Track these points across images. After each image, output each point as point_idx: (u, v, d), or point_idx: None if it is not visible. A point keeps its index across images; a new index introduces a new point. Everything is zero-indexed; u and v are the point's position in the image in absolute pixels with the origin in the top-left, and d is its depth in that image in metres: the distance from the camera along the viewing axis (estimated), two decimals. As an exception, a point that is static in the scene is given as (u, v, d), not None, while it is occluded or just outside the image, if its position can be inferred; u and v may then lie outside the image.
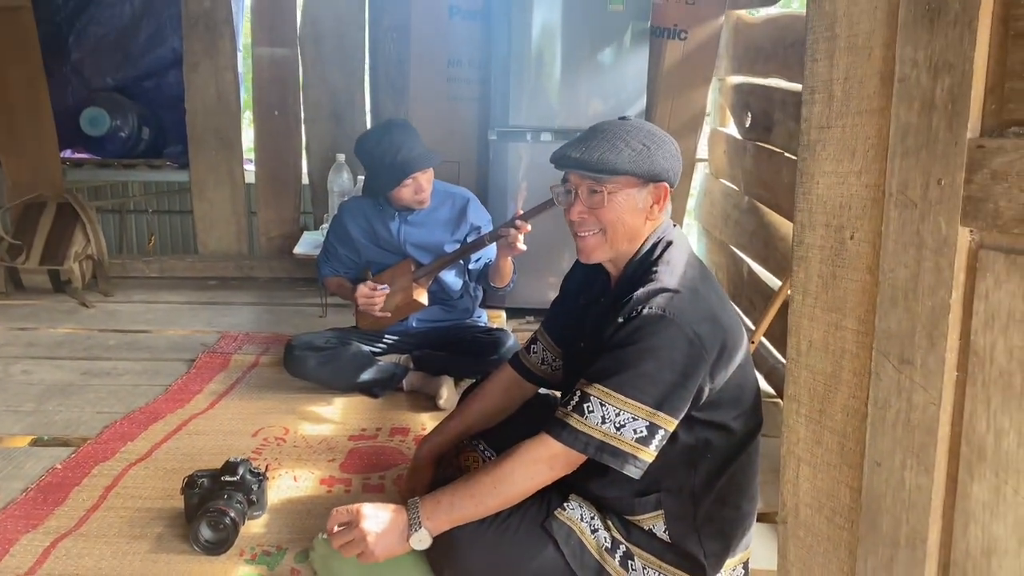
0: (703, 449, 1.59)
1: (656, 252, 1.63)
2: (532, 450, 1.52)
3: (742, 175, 3.60)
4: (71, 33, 4.64)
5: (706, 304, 1.54)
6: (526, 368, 1.95)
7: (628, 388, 1.47)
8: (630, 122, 1.64)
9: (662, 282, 1.54)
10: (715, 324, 1.52)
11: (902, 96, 1.05)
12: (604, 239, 1.63)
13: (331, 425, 2.63)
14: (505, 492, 1.53)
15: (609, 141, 1.59)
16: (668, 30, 3.86)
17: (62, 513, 2.05)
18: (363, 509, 1.56)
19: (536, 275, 3.56)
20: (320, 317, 3.78)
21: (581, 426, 1.48)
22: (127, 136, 4.55)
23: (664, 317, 1.47)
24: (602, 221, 1.61)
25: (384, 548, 1.53)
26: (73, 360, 3.18)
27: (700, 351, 1.48)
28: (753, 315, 3.35)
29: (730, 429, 1.60)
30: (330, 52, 4.21)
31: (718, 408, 1.57)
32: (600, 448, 1.47)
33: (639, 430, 1.47)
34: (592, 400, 1.48)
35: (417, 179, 2.66)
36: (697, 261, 1.66)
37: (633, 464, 1.48)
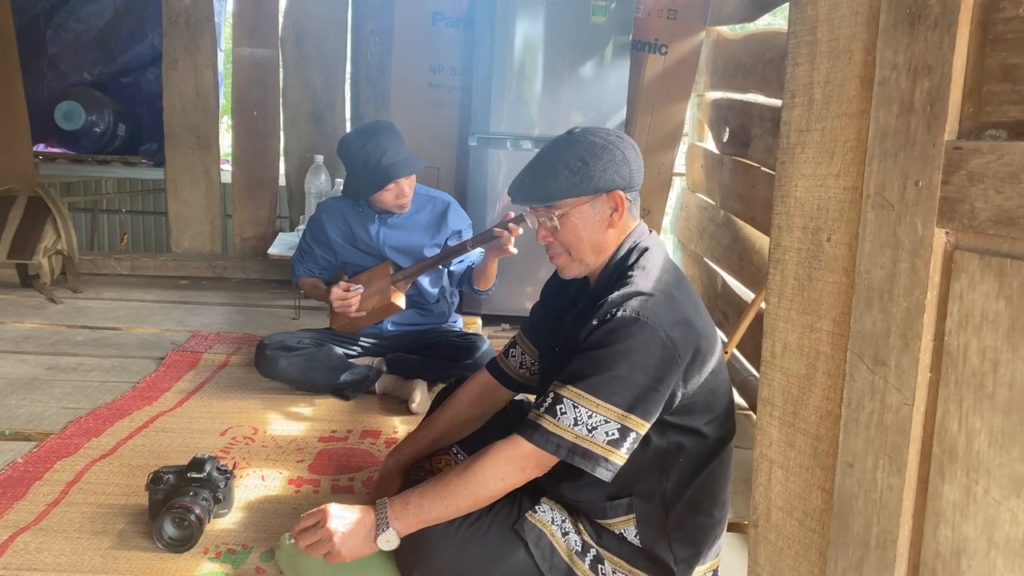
0: (675, 454, 1.59)
1: (632, 258, 1.63)
2: (503, 451, 1.52)
3: (719, 189, 3.63)
4: (49, 27, 4.58)
5: (680, 308, 1.54)
6: (503, 372, 1.93)
7: (601, 390, 1.46)
8: (573, 136, 1.64)
9: (637, 286, 1.54)
10: (689, 328, 1.53)
11: (882, 99, 1.06)
12: (571, 258, 1.66)
13: (301, 426, 2.60)
14: (475, 493, 1.51)
15: (548, 167, 1.60)
16: (649, 44, 3.89)
17: (21, 507, 2.00)
18: (330, 509, 1.55)
19: (513, 283, 3.56)
20: (293, 319, 3.74)
21: (553, 428, 1.47)
22: (102, 132, 4.50)
23: (638, 320, 1.48)
24: (563, 243, 1.64)
25: (350, 548, 1.51)
26: (39, 355, 3.11)
27: (673, 355, 1.48)
28: (726, 327, 3.37)
29: (702, 434, 1.60)
30: (312, 54, 4.20)
31: (691, 413, 1.57)
32: (572, 450, 1.47)
33: (611, 432, 1.46)
34: (565, 402, 1.48)
35: (399, 184, 2.65)
36: (673, 266, 1.67)
37: (604, 467, 1.47)
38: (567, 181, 1.57)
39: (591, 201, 1.61)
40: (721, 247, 3.54)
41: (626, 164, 1.61)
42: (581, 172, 1.58)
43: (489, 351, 2.82)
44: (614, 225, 1.64)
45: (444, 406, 1.98)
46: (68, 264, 4.05)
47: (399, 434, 2.56)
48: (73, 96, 4.43)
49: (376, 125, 2.73)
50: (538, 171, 1.61)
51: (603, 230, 1.63)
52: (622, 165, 1.61)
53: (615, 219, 1.63)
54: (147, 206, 5.29)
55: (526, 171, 1.64)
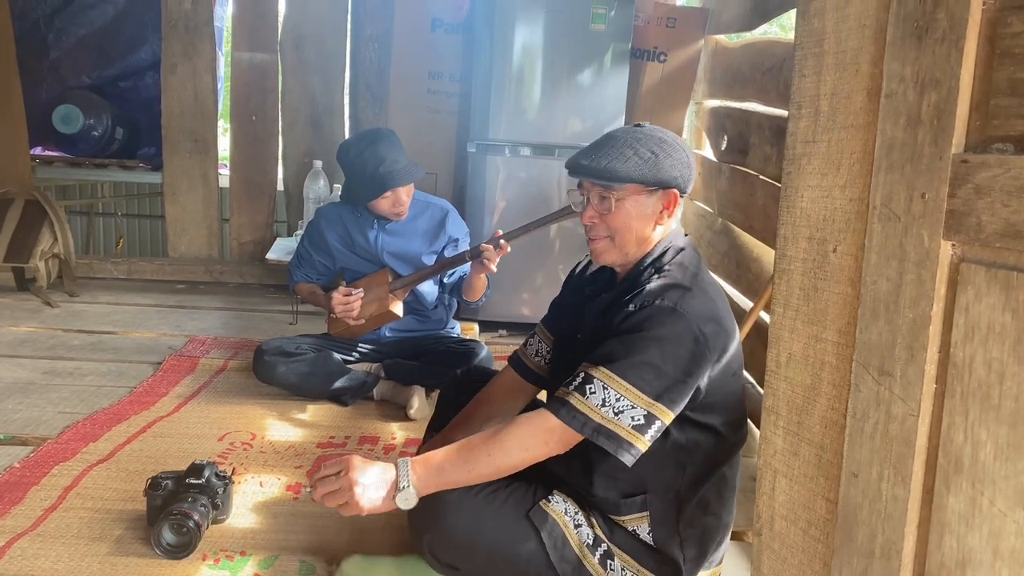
0: (692, 450, 1.60)
1: (667, 256, 1.65)
2: (530, 422, 1.52)
3: (716, 197, 3.64)
4: (51, 31, 4.58)
5: (714, 307, 1.56)
6: (523, 364, 1.93)
7: (631, 375, 1.47)
8: (643, 129, 1.66)
9: (675, 279, 1.57)
10: (720, 327, 1.55)
11: (888, 111, 1.07)
12: (613, 244, 1.66)
13: (299, 431, 2.59)
14: (498, 460, 1.51)
15: (618, 149, 1.61)
16: (648, 52, 3.90)
17: (19, 512, 1.99)
18: (353, 460, 1.54)
19: (510, 290, 3.56)
20: (290, 324, 3.74)
21: (581, 406, 1.48)
22: (100, 135, 4.49)
23: (675, 311, 1.50)
24: (610, 227, 1.64)
25: (369, 501, 1.50)
26: (35, 359, 3.10)
27: (704, 349, 1.50)
28: (724, 336, 3.37)
29: (720, 434, 1.62)
30: (311, 59, 4.20)
31: (711, 410, 1.59)
32: (597, 430, 1.48)
33: (637, 418, 1.47)
34: (595, 382, 1.49)
35: (397, 193, 2.65)
36: (708, 273, 1.69)
37: (628, 451, 1.48)
38: (636, 167, 1.58)
39: (649, 193, 1.62)
40: (719, 254, 3.55)
41: (689, 168, 1.64)
42: (651, 162, 1.59)
43: (487, 357, 2.82)
44: (662, 222, 1.66)
45: (474, 406, 1.94)
46: (64, 268, 4.04)
47: (397, 440, 2.56)
48: (71, 100, 4.42)
49: (376, 132, 2.73)
50: (607, 150, 1.61)
51: (651, 224, 1.65)
52: (685, 167, 1.63)
53: (664, 217, 1.65)
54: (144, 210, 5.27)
55: (593, 148, 1.64)
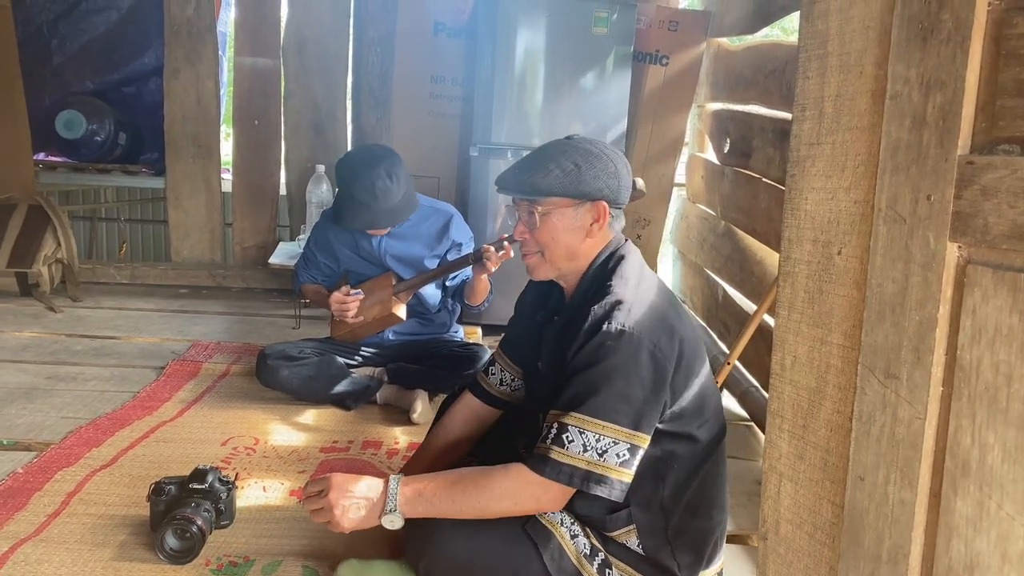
0: (669, 461, 1.58)
1: (609, 266, 1.63)
2: (523, 477, 1.50)
3: (719, 200, 3.64)
4: (54, 36, 4.58)
5: (663, 315, 1.54)
6: (485, 391, 1.92)
7: (603, 412, 1.45)
8: (571, 141, 1.64)
9: (617, 295, 1.54)
10: (672, 333, 1.53)
11: (893, 113, 1.06)
12: (544, 259, 1.65)
13: (302, 436, 2.59)
14: (485, 505, 1.51)
15: (541, 163, 1.60)
16: (650, 55, 3.91)
17: (22, 518, 1.98)
18: (334, 480, 1.55)
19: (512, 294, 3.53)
20: (293, 329, 3.73)
21: (563, 458, 1.46)
22: (103, 140, 4.49)
23: (625, 332, 1.47)
24: (539, 241, 1.63)
25: (350, 521, 1.52)
26: (38, 364, 3.10)
27: (664, 363, 1.48)
28: (727, 339, 3.37)
29: (695, 438, 1.60)
30: (313, 63, 4.20)
31: (682, 418, 1.57)
32: (586, 478, 1.45)
33: (622, 453, 1.45)
34: (570, 429, 1.46)
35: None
36: (651, 274, 1.67)
37: (619, 489, 1.47)
38: (557, 180, 1.57)
39: (575, 206, 1.60)
40: (722, 258, 3.54)
41: (616, 178, 1.61)
42: (572, 174, 1.58)
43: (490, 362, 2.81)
44: (592, 235, 1.64)
45: (434, 435, 1.95)
46: (68, 273, 4.04)
47: (400, 444, 2.56)
48: (74, 105, 4.42)
49: (376, 155, 2.64)
50: (530, 165, 1.61)
51: (580, 238, 1.63)
52: (612, 178, 1.61)
53: (594, 229, 1.63)
54: (147, 215, 5.28)
55: (517, 163, 1.64)
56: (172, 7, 4.15)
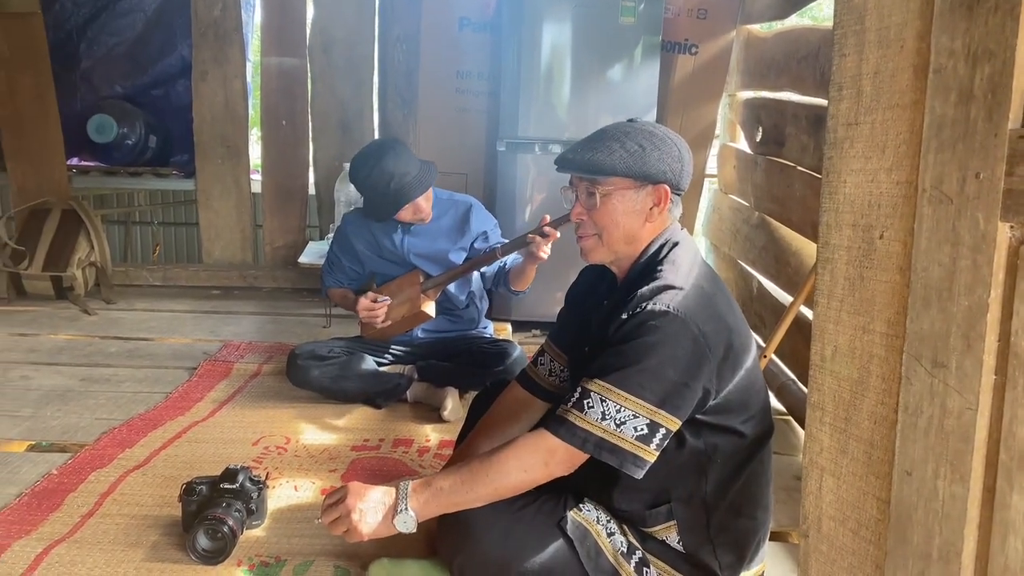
0: (712, 455, 1.54)
1: (662, 253, 1.59)
2: (529, 442, 1.48)
3: (752, 190, 3.57)
4: (82, 41, 4.63)
5: (712, 303, 1.50)
6: (534, 382, 1.87)
7: (629, 384, 1.42)
8: (635, 124, 1.62)
9: (667, 279, 1.50)
10: (721, 323, 1.49)
11: (937, 88, 1.01)
12: (600, 242, 1.61)
13: (333, 435, 2.58)
14: (497, 482, 1.47)
15: (605, 143, 1.56)
16: (679, 44, 3.84)
17: (56, 519, 1.99)
18: (351, 486, 1.54)
19: (543, 288, 3.50)
20: (324, 327, 3.74)
21: (580, 422, 1.44)
22: (134, 144, 4.54)
23: (668, 313, 1.43)
24: (597, 223, 1.59)
25: (368, 526, 1.50)
26: (73, 366, 3.13)
27: (705, 350, 1.44)
28: (763, 331, 3.30)
29: (739, 433, 1.55)
30: (339, 62, 4.19)
31: (726, 412, 1.53)
32: (599, 445, 1.43)
33: (639, 428, 1.42)
34: (592, 396, 1.44)
35: (414, 203, 2.64)
36: (703, 262, 1.63)
37: (633, 463, 1.43)
38: (620, 160, 1.53)
39: (636, 188, 1.56)
40: (756, 249, 3.47)
41: (680, 162, 1.58)
42: (637, 155, 1.54)
43: (521, 357, 2.78)
44: (652, 219, 1.60)
45: (480, 428, 1.90)
46: (101, 276, 4.08)
47: (431, 442, 2.53)
48: (105, 109, 4.47)
49: (380, 146, 2.68)
50: (592, 144, 1.57)
51: (640, 221, 1.59)
52: (676, 162, 1.57)
53: (654, 213, 1.59)
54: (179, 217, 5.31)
55: (580, 142, 1.60)
56: (199, 9, 4.17)
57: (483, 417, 1.93)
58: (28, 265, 3.91)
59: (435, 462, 2.40)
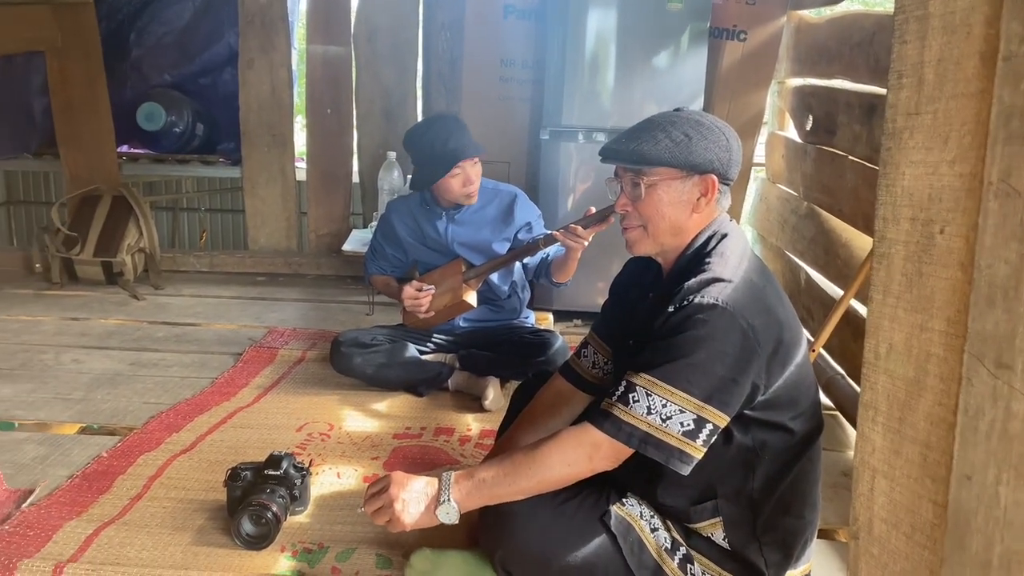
0: (760, 451, 1.51)
1: (710, 245, 1.56)
2: (573, 436, 1.47)
3: (801, 179, 3.49)
4: (132, 30, 4.70)
5: (762, 296, 1.47)
6: (576, 374, 1.85)
7: (676, 378, 1.40)
8: (681, 113, 1.59)
9: (715, 272, 1.47)
10: (771, 317, 1.45)
11: (1007, 76, 0.96)
12: (646, 233, 1.58)
13: (376, 422, 2.59)
14: (540, 475, 1.46)
15: (650, 132, 1.53)
16: (727, 31, 3.77)
17: (106, 501, 2.03)
18: (394, 475, 1.54)
19: (585, 278, 3.47)
20: (367, 315, 3.76)
21: (625, 416, 1.42)
22: (181, 131, 4.60)
23: (717, 306, 1.40)
24: (642, 215, 1.56)
25: (411, 516, 1.50)
26: (122, 350, 3.19)
27: (754, 344, 1.41)
28: (810, 324, 3.23)
29: (788, 430, 1.52)
30: (383, 50, 4.20)
31: (775, 408, 1.49)
32: (644, 440, 1.41)
33: (686, 423, 1.40)
34: (638, 390, 1.42)
35: (465, 169, 2.62)
36: (753, 254, 1.59)
37: (679, 459, 1.41)
38: (666, 149, 1.51)
39: (683, 178, 1.53)
40: (805, 240, 3.40)
41: (728, 152, 1.55)
42: (683, 145, 1.51)
43: (563, 348, 2.76)
44: (699, 210, 1.56)
45: (521, 420, 1.89)
46: (150, 262, 4.15)
47: (472, 431, 2.53)
48: (154, 97, 4.53)
49: (441, 115, 2.78)
50: (637, 134, 1.54)
51: (687, 212, 1.56)
52: (723, 151, 1.54)
53: (701, 204, 1.56)
54: (226, 204, 5.39)
55: (624, 132, 1.57)
56: (246, -2, 4.20)
57: (524, 409, 1.92)
58: (80, 251, 4.00)
59: (476, 451, 2.39)
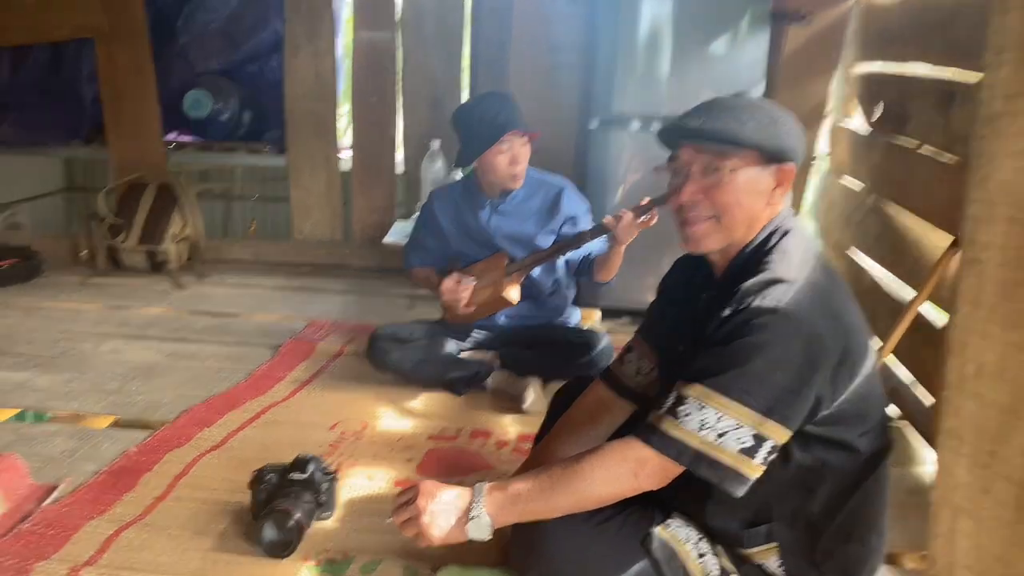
0: (822, 471, 1.37)
1: (771, 242, 1.41)
2: (618, 451, 1.35)
3: (868, 172, 3.28)
4: (179, 18, 4.68)
5: (828, 300, 1.33)
6: (619, 381, 1.71)
7: (732, 389, 1.27)
8: (749, 97, 1.46)
9: (776, 272, 1.33)
10: (837, 323, 1.31)
11: None
12: (718, 225, 1.42)
13: (410, 422, 2.50)
14: (580, 491, 1.35)
15: (732, 112, 1.38)
16: (790, 14, 3.55)
17: (129, 500, 1.97)
18: (423, 485, 1.45)
19: (633, 274, 3.31)
20: (409, 309, 3.67)
21: (675, 431, 1.29)
22: (228, 119, 4.57)
23: (778, 310, 1.27)
24: (717, 204, 1.40)
25: (440, 529, 1.41)
26: (161, 341, 3.15)
27: (819, 352, 1.27)
28: (875, 325, 3.02)
29: (854, 449, 1.37)
30: (430, 36, 4.09)
31: (840, 423, 1.35)
32: (696, 458, 1.28)
33: (743, 439, 1.26)
34: (689, 402, 1.29)
35: (514, 146, 2.51)
36: (818, 252, 1.44)
37: (735, 479, 1.28)
38: (755, 131, 1.36)
39: (762, 166, 1.39)
40: (871, 237, 3.19)
41: (802, 141, 1.43)
42: (770, 128, 1.37)
43: (607, 349, 2.62)
44: (772, 203, 1.43)
45: (559, 428, 1.75)
46: (194, 250, 4.13)
47: (510, 435, 2.41)
48: (201, 84, 4.51)
49: (493, 91, 2.78)
50: (717, 112, 1.39)
51: (761, 203, 1.42)
52: (799, 140, 1.42)
53: (776, 195, 1.42)
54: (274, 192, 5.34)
55: (694, 112, 1.42)
56: (293, -16, 4.13)
57: (562, 416, 1.79)
58: (125, 239, 3.99)
59: (513, 457, 2.28)
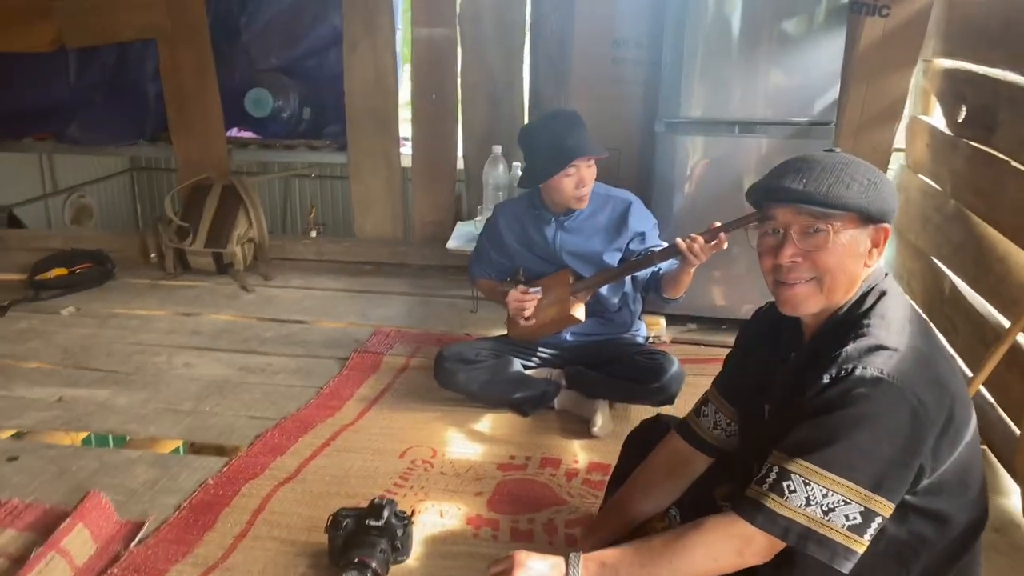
0: (917, 546, 1.33)
1: (866, 303, 1.37)
2: (721, 527, 1.32)
3: (949, 175, 3.13)
4: (243, 15, 4.68)
5: (931, 367, 1.28)
6: (696, 435, 1.69)
7: (839, 465, 1.23)
8: (842, 155, 1.40)
9: (878, 338, 1.29)
10: (942, 391, 1.27)
11: None
12: (819, 288, 1.38)
13: (479, 447, 2.50)
14: (681, 568, 1.32)
15: (833, 174, 1.34)
16: (868, 5, 3.38)
17: (210, 540, 2.02)
18: (518, 556, 1.44)
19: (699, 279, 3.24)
20: (471, 312, 3.67)
21: (780, 508, 1.26)
22: (288, 116, 4.58)
23: (883, 380, 1.23)
24: (819, 267, 1.36)
25: None
26: (232, 353, 3.21)
27: (925, 422, 1.23)
28: (952, 337, 2.91)
29: (951, 520, 1.33)
30: (489, 31, 4.00)
31: (939, 494, 1.31)
32: (804, 536, 1.25)
33: (852, 516, 1.23)
34: (794, 478, 1.26)
35: (580, 170, 2.47)
36: (917, 315, 1.39)
37: (844, 556, 1.24)
38: (859, 194, 1.33)
39: (863, 227, 1.36)
40: (950, 244, 3.06)
41: (897, 200, 1.39)
42: (871, 190, 1.34)
43: (678, 374, 2.56)
44: (869, 264, 1.39)
45: (636, 481, 1.74)
46: (259, 251, 4.18)
47: (580, 464, 2.40)
48: (261, 81, 4.51)
49: (560, 110, 2.66)
50: (817, 171, 1.35)
51: (860, 265, 1.38)
52: (896, 200, 1.38)
53: (873, 256, 1.39)
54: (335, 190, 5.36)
55: (795, 171, 1.37)
56: (350, -21, 4.08)
57: (640, 468, 1.77)
58: (192, 241, 4.05)
59: (583, 489, 2.27)
